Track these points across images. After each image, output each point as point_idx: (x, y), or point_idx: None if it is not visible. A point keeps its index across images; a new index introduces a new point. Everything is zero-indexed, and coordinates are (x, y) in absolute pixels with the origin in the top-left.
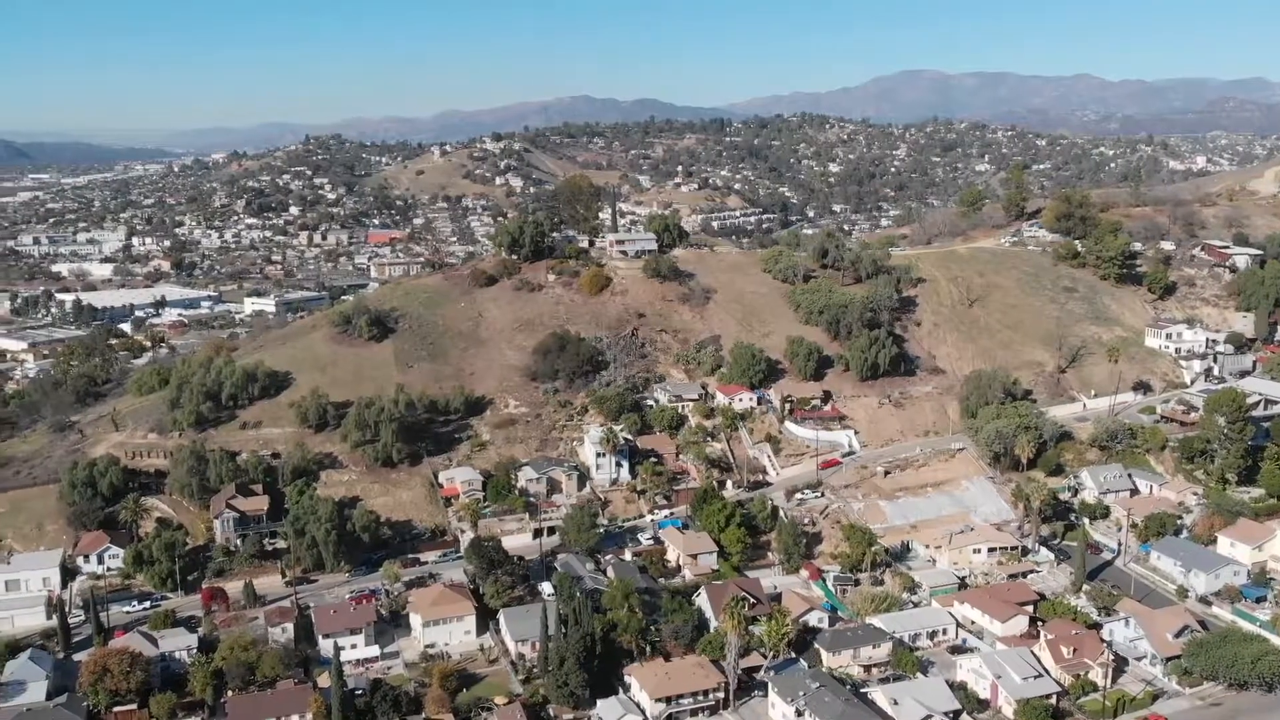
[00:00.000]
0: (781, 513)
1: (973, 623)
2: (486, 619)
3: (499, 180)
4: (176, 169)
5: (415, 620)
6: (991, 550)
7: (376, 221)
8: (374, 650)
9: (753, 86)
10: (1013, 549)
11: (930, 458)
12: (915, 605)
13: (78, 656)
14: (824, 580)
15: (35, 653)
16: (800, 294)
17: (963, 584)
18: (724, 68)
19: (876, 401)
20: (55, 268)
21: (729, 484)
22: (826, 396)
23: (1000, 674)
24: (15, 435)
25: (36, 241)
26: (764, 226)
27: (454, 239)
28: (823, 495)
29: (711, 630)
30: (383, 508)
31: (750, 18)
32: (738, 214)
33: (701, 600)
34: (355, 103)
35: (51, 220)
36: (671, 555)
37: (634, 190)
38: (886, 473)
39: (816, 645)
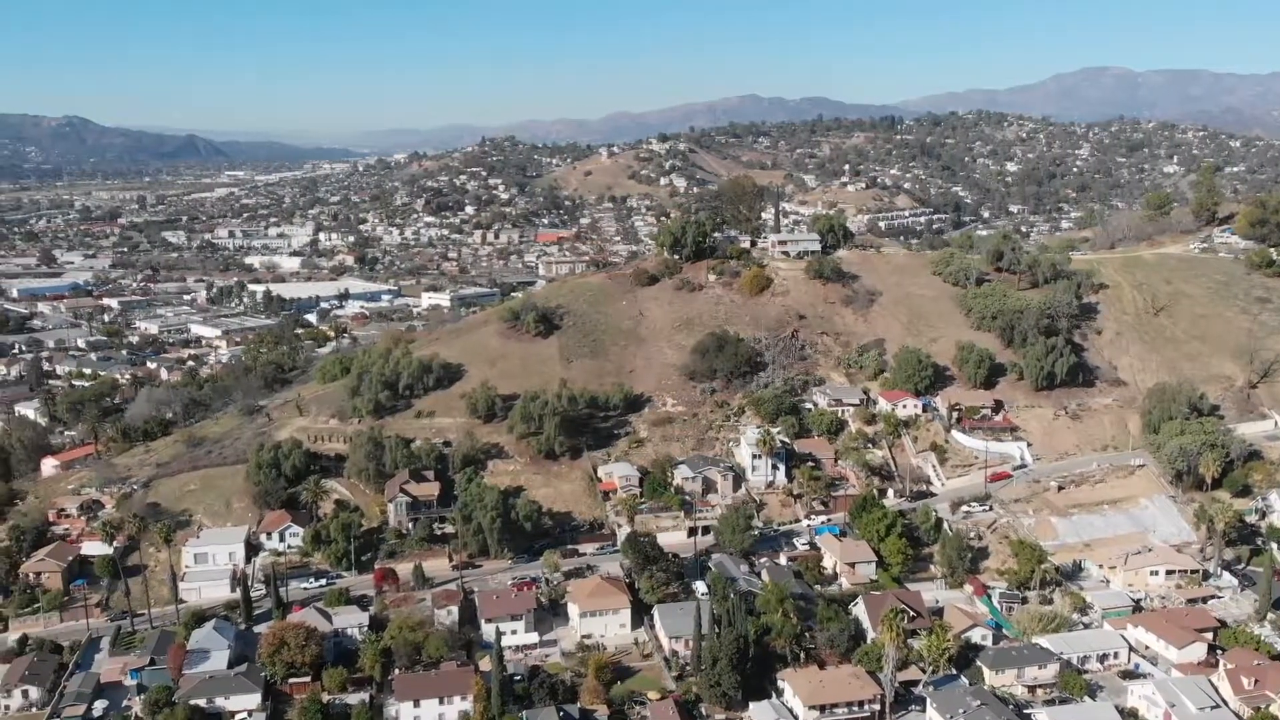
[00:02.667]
0: (946, 525)
1: (1147, 648)
2: (641, 613)
3: (663, 180)
4: (361, 168)
5: (573, 610)
6: (1170, 573)
7: (545, 221)
8: (533, 637)
9: (926, 83)
10: (1193, 572)
11: (1107, 473)
12: (1085, 626)
13: (258, 629)
14: (989, 596)
15: (219, 623)
16: (972, 298)
17: (1137, 607)
18: (896, 65)
19: (1052, 413)
20: (248, 260)
21: (890, 493)
22: (998, 406)
23: (1174, 702)
24: (208, 417)
25: (231, 235)
26: (934, 227)
27: (618, 238)
28: (991, 509)
29: (868, 641)
30: (544, 498)
31: (925, 13)
32: (907, 214)
33: (859, 609)
34: (529, 105)
35: (245, 215)
36: (828, 562)
37: (798, 190)
38: (1060, 488)
39: (979, 663)
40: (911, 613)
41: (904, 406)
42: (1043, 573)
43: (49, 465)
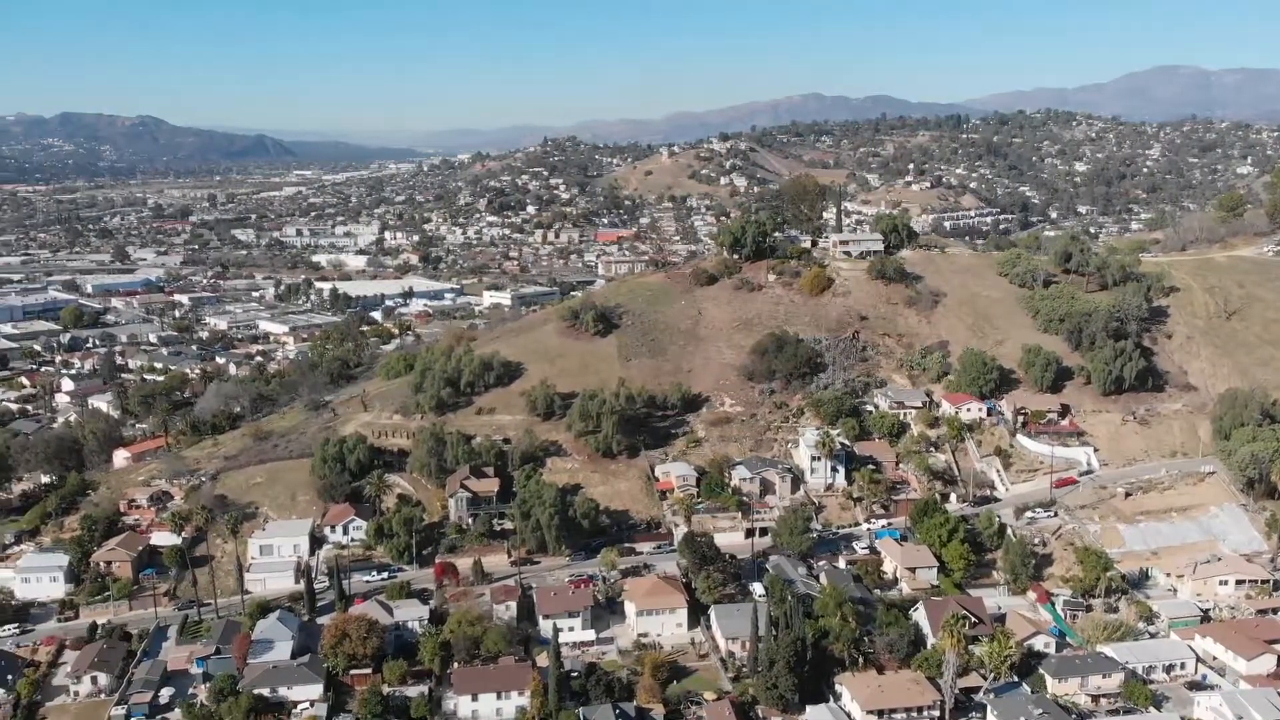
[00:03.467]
0: (1010, 531)
1: (1214, 659)
2: (697, 613)
3: (723, 180)
4: (425, 168)
5: (630, 608)
6: (1240, 582)
7: (605, 221)
8: (590, 634)
9: (993, 82)
10: (1264, 582)
11: (1176, 480)
12: (1151, 636)
13: (320, 620)
14: (1053, 604)
15: (283, 614)
16: (1039, 300)
17: (1205, 616)
18: (962, 63)
19: (1119, 418)
20: (315, 258)
21: (953, 497)
22: (1064, 410)
23: (1242, 715)
24: (275, 412)
25: (299, 233)
26: (1001, 228)
27: (677, 238)
28: (1056, 515)
29: (928, 646)
30: (602, 496)
31: (993, 11)
32: (972, 214)
33: (919, 615)
34: (591, 106)
35: (313, 214)
36: (888, 566)
37: (861, 189)
38: (1127, 494)
39: (1041, 670)
40: (973, 619)
41: (968, 410)
42: (1108, 580)
43: (121, 457)
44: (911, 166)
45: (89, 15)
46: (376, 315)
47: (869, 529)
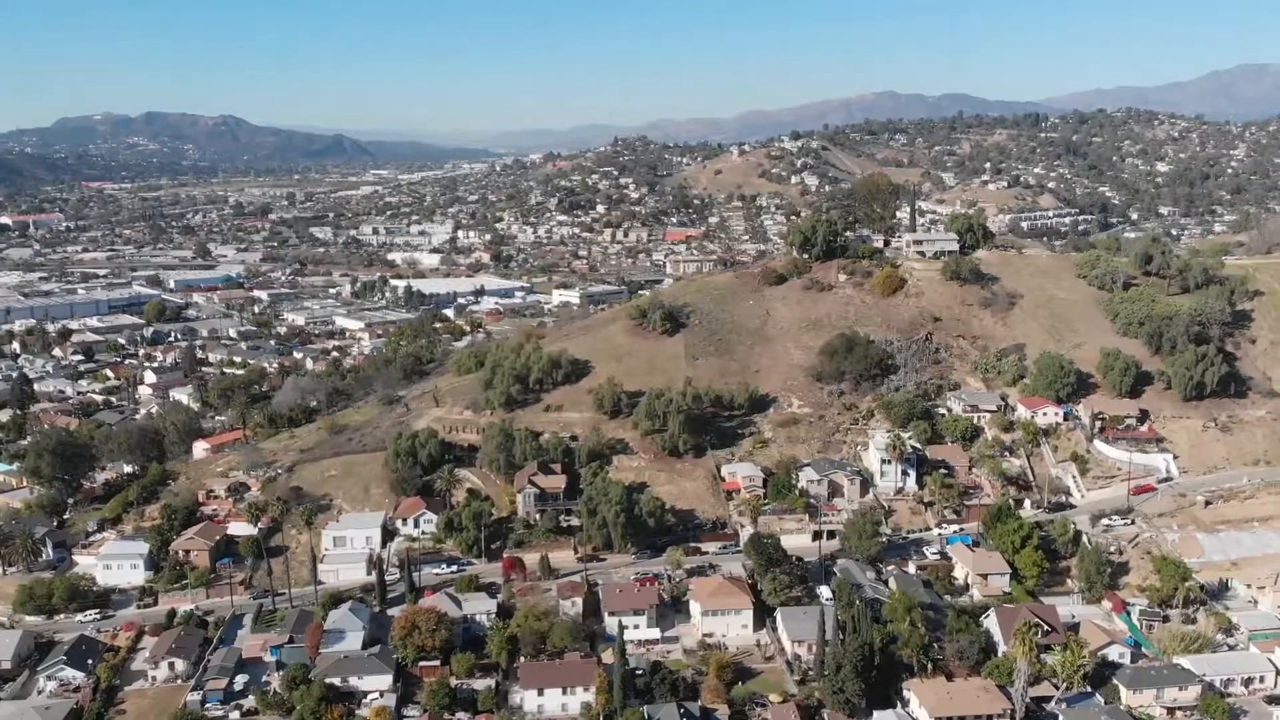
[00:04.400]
0: (1085, 538)
1: None
2: (763, 615)
3: (794, 179)
4: (498, 168)
5: (695, 608)
6: None
7: (674, 220)
8: (655, 633)
9: (1072, 80)
10: None
11: (1259, 489)
12: (1230, 648)
13: (391, 611)
14: (1128, 613)
15: (355, 605)
16: (1118, 302)
17: None
18: (1041, 61)
19: (1200, 424)
20: (390, 256)
21: (1027, 503)
22: (1143, 416)
23: None
24: (350, 406)
25: (375, 232)
26: (1079, 228)
27: (746, 237)
28: (1133, 523)
29: (999, 654)
30: (667, 495)
31: (1072, 7)
32: (1050, 214)
33: (990, 622)
34: (662, 105)
35: (389, 213)
36: (959, 572)
37: (936, 188)
38: (1207, 503)
39: (1115, 681)
40: (1046, 627)
41: (1044, 414)
42: (1186, 590)
43: (200, 448)
44: (988, 165)
45: (175, 17)
46: (449, 312)
47: (940, 534)
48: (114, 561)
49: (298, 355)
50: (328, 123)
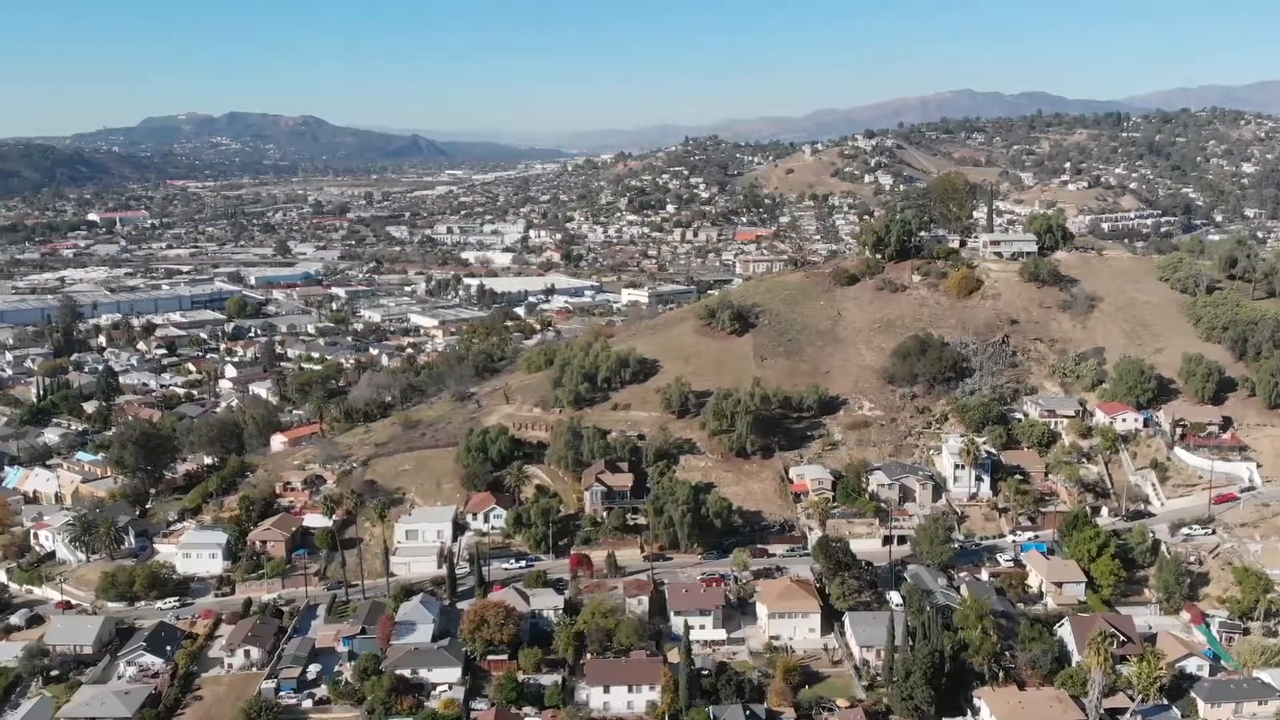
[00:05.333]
0: (1164, 547)
1: None
2: (831, 619)
3: (867, 178)
4: (570, 168)
5: (761, 610)
6: None
7: (744, 219)
8: (721, 634)
9: (1155, 78)
10: None
11: None
12: None
13: (460, 605)
14: (1207, 625)
15: (425, 598)
16: (1202, 306)
17: None
18: (1123, 59)
19: None
20: (464, 255)
21: (1104, 511)
22: (1226, 423)
23: None
24: (423, 402)
25: (450, 231)
26: (1162, 230)
27: (817, 237)
28: (1214, 532)
29: (1073, 664)
30: (734, 496)
31: (1156, 4)
32: (1132, 216)
33: (1064, 631)
34: (733, 104)
35: (463, 212)
36: (1033, 580)
37: (1014, 188)
38: None
39: (1193, 694)
40: (1121, 637)
41: (1123, 420)
42: (1268, 603)
43: (278, 441)
44: (1068, 165)
45: (258, 20)
46: (520, 311)
47: (1014, 541)
48: (193, 551)
49: (373, 352)
50: (405, 123)
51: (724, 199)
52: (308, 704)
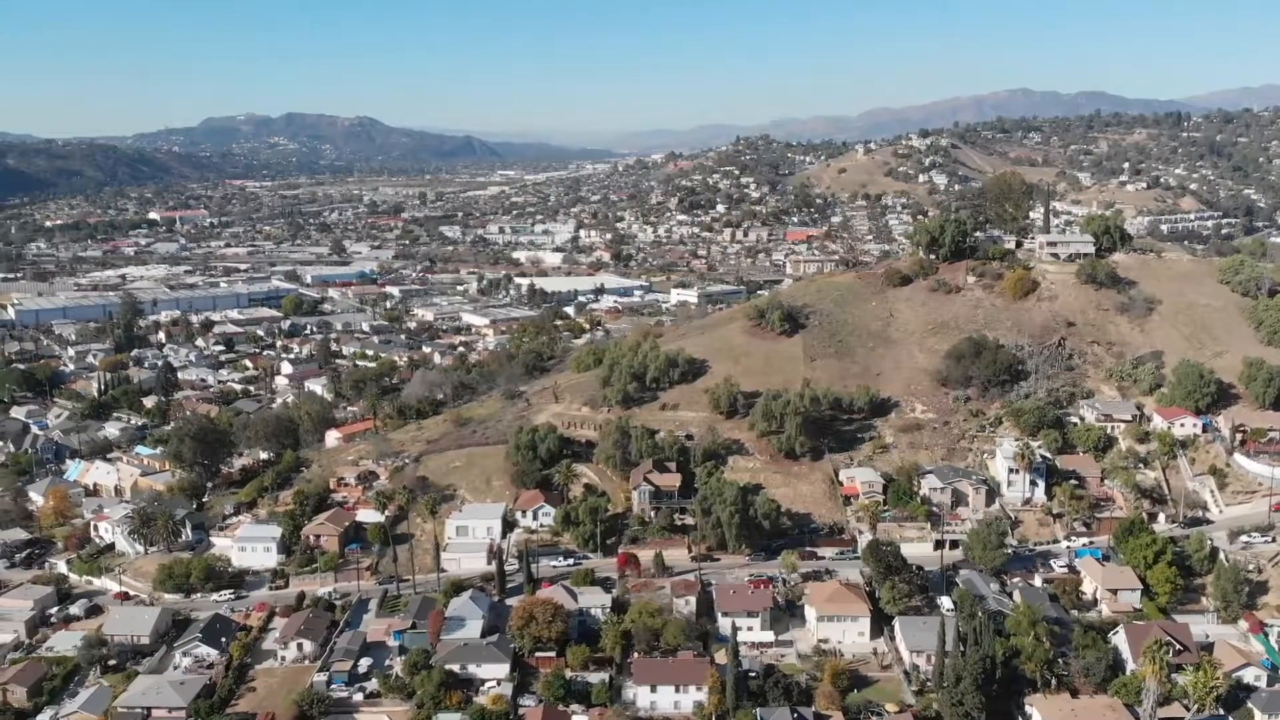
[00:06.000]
0: (1222, 555)
1: None
2: (880, 623)
3: (921, 178)
4: (620, 168)
5: (810, 613)
6: None
7: (795, 219)
8: (769, 635)
9: (1216, 78)
10: None
11: None
12: None
13: (509, 601)
14: (1266, 634)
15: (475, 594)
16: (1264, 310)
17: None
18: (1184, 57)
19: None
20: (515, 254)
21: (1161, 517)
22: None
23: None
24: (474, 399)
25: (501, 231)
26: (1223, 232)
27: (870, 237)
28: (1274, 540)
29: (1128, 672)
30: (783, 498)
31: (1218, 2)
32: (1192, 217)
33: (1118, 639)
34: (785, 103)
35: (514, 212)
36: (1087, 587)
37: (1071, 189)
38: None
39: (1250, 704)
40: (1177, 646)
41: (1181, 425)
42: None
43: (332, 437)
44: (1126, 166)
45: (314, 22)
46: (569, 310)
47: (1068, 547)
48: (248, 544)
49: (426, 350)
50: (458, 124)
51: (775, 199)
52: (358, 697)
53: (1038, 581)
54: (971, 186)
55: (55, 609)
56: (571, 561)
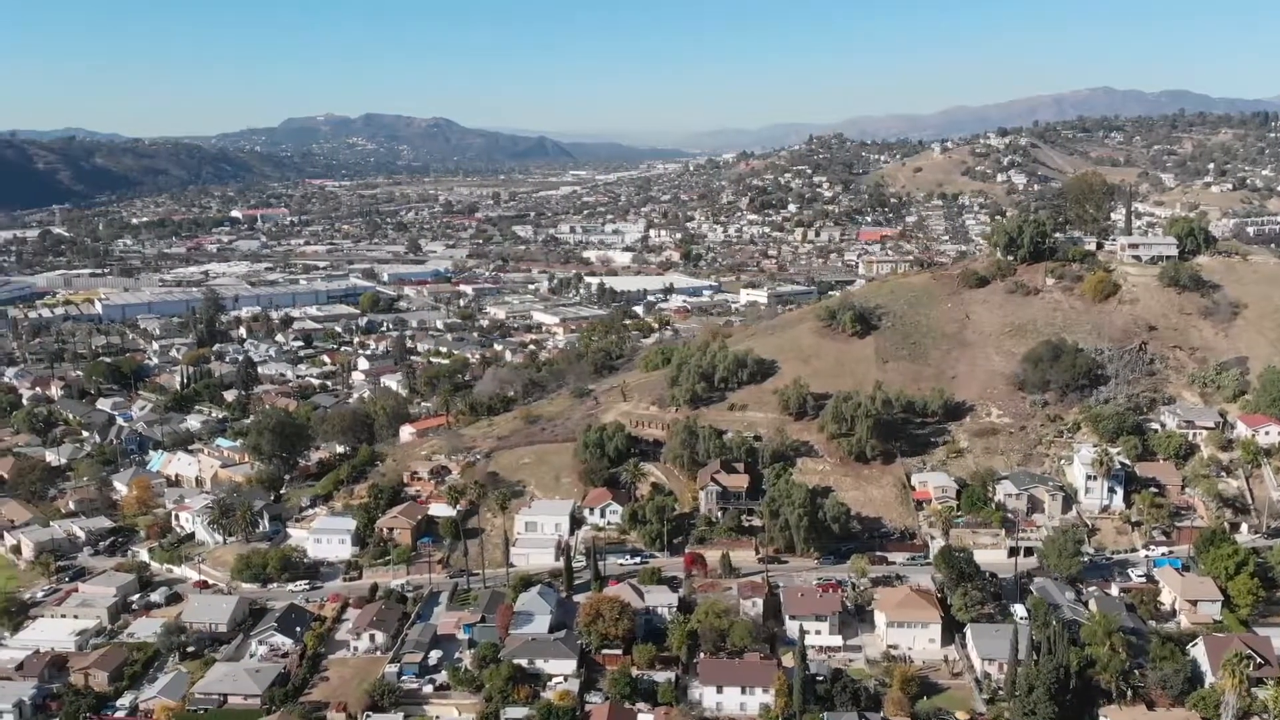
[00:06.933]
0: None
1: None
2: (951, 630)
3: (1000, 177)
4: (691, 168)
5: (879, 618)
6: None
7: (869, 219)
8: (837, 640)
9: None
10: None
11: None
12: None
13: (577, 598)
14: None
15: (543, 589)
16: None
17: None
18: (1270, 55)
19: None
20: (585, 254)
21: (1243, 527)
22: None
23: None
24: (544, 397)
25: (572, 230)
26: None
27: (945, 237)
28: None
29: (1206, 685)
30: (853, 501)
31: None
32: (1279, 220)
33: (1197, 651)
34: (860, 101)
35: (585, 212)
36: (1166, 597)
37: (1154, 190)
38: None
39: None
40: (1259, 659)
41: (1266, 433)
42: None
43: (406, 432)
44: (1211, 166)
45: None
46: (639, 309)
47: (1147, 556)
48: (324, 536)
49: (498, 347)
50: (532, 125)
51: (848, 198)
52: (428, 689)
53: (1114, 591)
54: (1051, 186)
55: (137, 596)
56: (638, 560)
